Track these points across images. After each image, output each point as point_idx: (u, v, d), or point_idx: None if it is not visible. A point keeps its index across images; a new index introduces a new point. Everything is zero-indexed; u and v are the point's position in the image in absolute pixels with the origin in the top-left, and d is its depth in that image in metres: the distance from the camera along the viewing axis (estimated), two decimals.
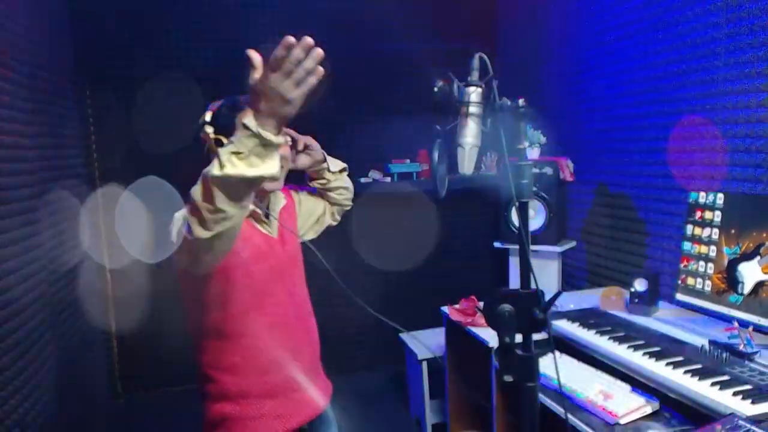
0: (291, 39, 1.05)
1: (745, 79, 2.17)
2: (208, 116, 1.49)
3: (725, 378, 1.65)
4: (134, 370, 3.76)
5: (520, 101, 1.25)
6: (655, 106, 2.65)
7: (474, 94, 1.26)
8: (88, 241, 3.15)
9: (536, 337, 1.20)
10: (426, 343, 3.00)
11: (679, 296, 2.23)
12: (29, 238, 2.30)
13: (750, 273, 1.94)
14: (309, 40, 1.05)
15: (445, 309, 2.67)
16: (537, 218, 3.03)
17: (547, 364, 1.73)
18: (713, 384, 1.62)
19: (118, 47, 3.50)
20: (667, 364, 1.79)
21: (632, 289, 2.32)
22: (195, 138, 1.51)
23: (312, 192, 1.92)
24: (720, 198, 2.09)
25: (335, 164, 1.86)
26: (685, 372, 1.72)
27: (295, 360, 1.60)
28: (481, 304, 2.53)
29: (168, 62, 3.51)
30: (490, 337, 2.28)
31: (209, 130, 1.48)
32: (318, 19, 3.73)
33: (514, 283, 3.25)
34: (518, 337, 1.20)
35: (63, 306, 2.65)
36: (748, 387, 1.59)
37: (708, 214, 2.13)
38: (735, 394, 1.55)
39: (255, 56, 1.11)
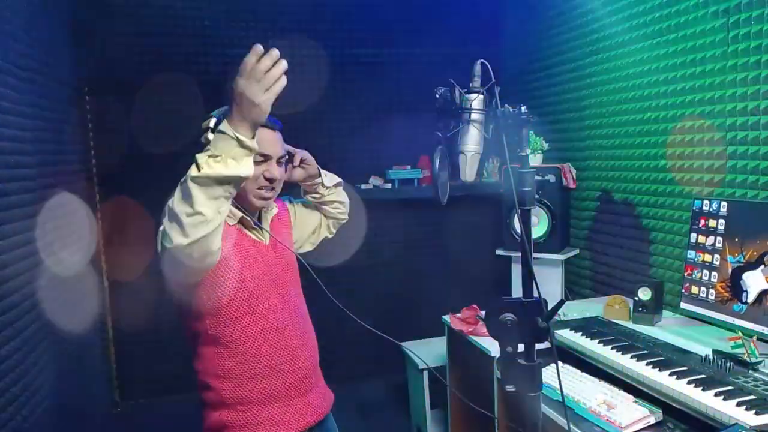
0: (260, 48, 1.16)
1: (749, 85, 2.16)
2: (211, 122, 1.48)
3: (729, 388, 1.64)
4: (132, 377, 3.74)
5: (522, 108, 1.24)
6: (658, 112, 2.64)
7: (476, 100, 1.26)
8: (86, 246, 3.14)
9: (539, 346, 1.19)
10: (427, 352, 2.98)
11: (683, 305, 2.22)
12: (28, 243, 2.29)
13: (754, 282, 1.93)
14: (276, 51, 1.18)
15: (447, 318, 2.65)
16: (539, 226, 3.02)
17: (549, 374, 1.72)
18: (717, 394, 1.61)
19: (118, 51, 3.50)
20: (671, 373, 1.77)
21: (636, 298, 2.30)
22: (196, 142, 1.51)
23: (308, 204, 1.91)
24: (724, 206, 2.08)
25: (330, 179, 1.86)
26: (689, 382, 1.71)
27: (293, 366, 1.59)
28: (483, 312, 2.53)
29: (167, 66, 3.52)
30: (491, 346, 2.27)
31: (212, 136, 1.48)
32: (320, 23, 3.74)
33: (517, 291, 3.23)
34: (520, 347, 1.19)
35: (61, 312, 2.63)
36: (752, 397, 1.58)
37: (712, 222, 2.11)
38: (739, 404, 1.54)
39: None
